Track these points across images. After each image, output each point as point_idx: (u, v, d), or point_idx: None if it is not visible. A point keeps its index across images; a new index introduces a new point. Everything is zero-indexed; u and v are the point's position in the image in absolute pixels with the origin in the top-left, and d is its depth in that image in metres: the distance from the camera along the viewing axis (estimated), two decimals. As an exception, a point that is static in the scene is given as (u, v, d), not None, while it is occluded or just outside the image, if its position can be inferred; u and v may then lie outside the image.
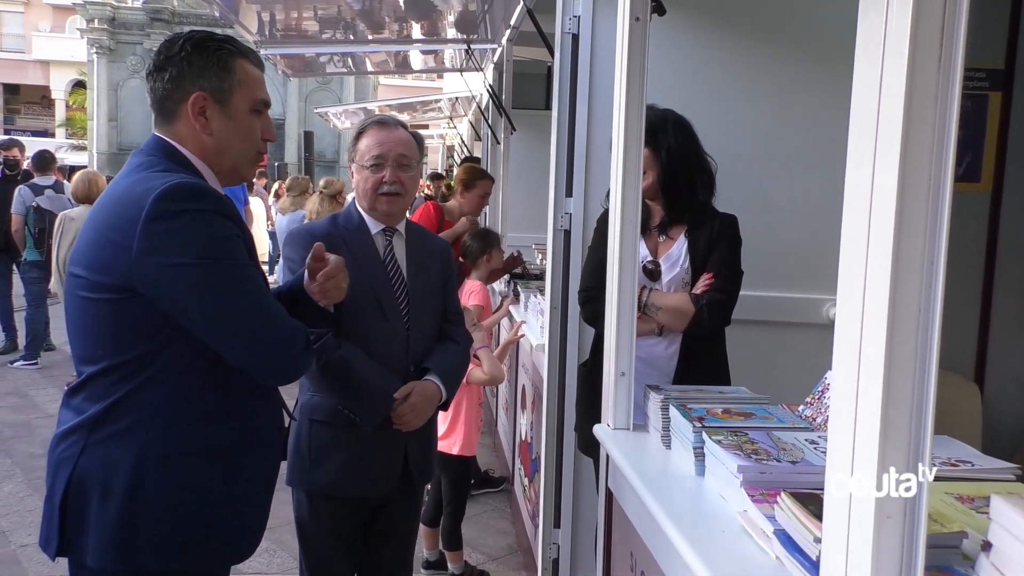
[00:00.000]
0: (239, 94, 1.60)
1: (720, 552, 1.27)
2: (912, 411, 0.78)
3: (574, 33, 2.86)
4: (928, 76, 0.76)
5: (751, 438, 1.55)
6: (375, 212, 2.17)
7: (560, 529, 3.05)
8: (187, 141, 1.59)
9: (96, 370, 1.51)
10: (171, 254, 1.44)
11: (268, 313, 1.55)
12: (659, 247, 2.39)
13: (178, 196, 1.45)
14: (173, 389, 1.51)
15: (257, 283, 1.55)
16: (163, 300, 1.46)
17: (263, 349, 1.54)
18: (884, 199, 0.78)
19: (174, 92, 1.57)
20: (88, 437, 1.50)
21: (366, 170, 2.13)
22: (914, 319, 0.78)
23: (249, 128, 1.63)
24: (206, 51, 1.58)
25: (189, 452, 1.53)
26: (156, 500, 1.50)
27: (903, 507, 0.79)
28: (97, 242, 1.50)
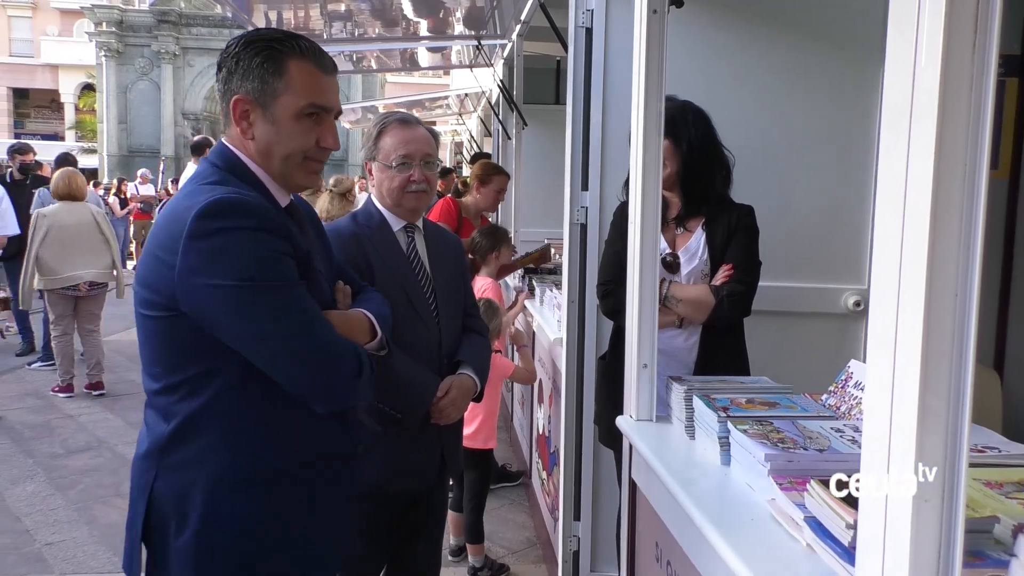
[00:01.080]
0: (285, 98, 1.49)
1: (750, 540, 1.27)
2: (950, 397, 0.79)
3: (588, 27, 2.86)
4: (963, 63, 0.76)
5: (777, 427, 1.56)
6: (400, 209, 2.17)
7: (580, 522, 3.06)
8: (242, 146, 1.53)
9: (158, 388, 1.48)
10: (210, 275, 1.37)
11: (313, 336, 1.45)
12: (677, 239, 2.39)
13: (217, 213, 1.38)
14: (237, 411, 1.47)
15: (303, 304, 1.45)
16: (206, 321, 1.40)
17: (309, 374, 1.45)
18: (919, 186, 0.79)
19: (225, 94, 1.52)
20: (160, 461, 1.47)
21: (391, 169, 2.12)
22: (951, 306, 0.78)
23: (293, 134, 1.50)
24: (253, 50, 1.49)
25: (260, 475, 1.48)
26: (231, 525, 1.46)
27: (940, 491, 0.80)
28: (149, 258, 1.46)
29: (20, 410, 5.81)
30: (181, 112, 25.52)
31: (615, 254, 2.45)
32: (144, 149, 24.92)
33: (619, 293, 2.38)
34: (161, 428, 1.47)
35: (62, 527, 3.90)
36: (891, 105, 0.83)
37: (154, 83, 25.59)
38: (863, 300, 2.86)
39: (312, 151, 1.54)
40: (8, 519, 3.99)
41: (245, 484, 1.47)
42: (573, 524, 3.07)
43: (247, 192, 1.46)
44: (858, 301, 2.86)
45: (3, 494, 4.31)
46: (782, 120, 2.82)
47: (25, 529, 3.88)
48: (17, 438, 5.25)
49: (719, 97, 2.57)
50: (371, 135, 2.18)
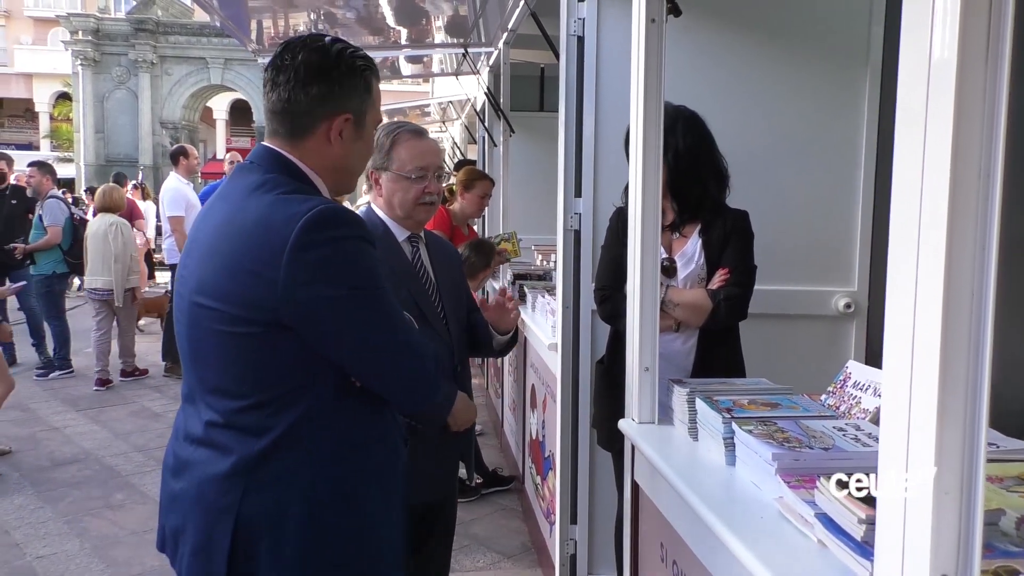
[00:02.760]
0: (371, 114, 1.58)
1: (762, 537, 1.30)
2: (967, 392, 0.82)
3: (579, 35, 2.90)
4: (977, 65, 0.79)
5: (781, 427, 1.59)
6: (409, 221, 2.18)
7: (576, 525, 3.08)
8: (310, 158, 1.52)
9: (244, 405, 1.44)
10: (324, 286, 1.38)
11: (414, 343, 1.53)
12: (673, 244, 2.42)
13: (327, 223, 1.39)
14: (330, 423, 1.47)
15: (398, 311, 1.51)
16: (312, 333, 1.41)
17: (412, 380, 1.53)
18: (936, 188, 0.82)
19: (316, 109, 1.50)
20: (248, 479, 1.43)
21: (406, 180, 2.13)
22: (967, 305, 0.81)
23: (370, 147, 1.63)
24: (356, 71, 1.53)
25: (354, 477, 1.50)
26: (336, 530, 1.48)
27: (959, 483, 0.83)
28: (234, 273, 1.41)
29: (4, 423, 5.73)
30: (159, 121, 25.31)
31: (612, 259, 2.48)
32: (122, 158, 24.66)
33: (617, 298, 2.41)
34: (248, 445, 1.43)
35: (52, 540, 3.86)
36: (905, 108, 0.86)
37: (131, 92, 25.36)
38: (853, 302, 2.91)
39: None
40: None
41: (341, 485, 1.49)
42: (570, 528, 3.09)
43: (333, 200, 1.50)
44: (848, 303, 2.91)
45: (-11, 508, 4.26)
46: (771, 125, 2.87)
47: (15, 542, 3.83)
48: (1, 451, 5.18)
49: (711, 103, 2.61)
50: (382, 145, 2.14)
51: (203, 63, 25.32)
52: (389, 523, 1.59)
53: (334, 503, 1.47)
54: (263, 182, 1.47)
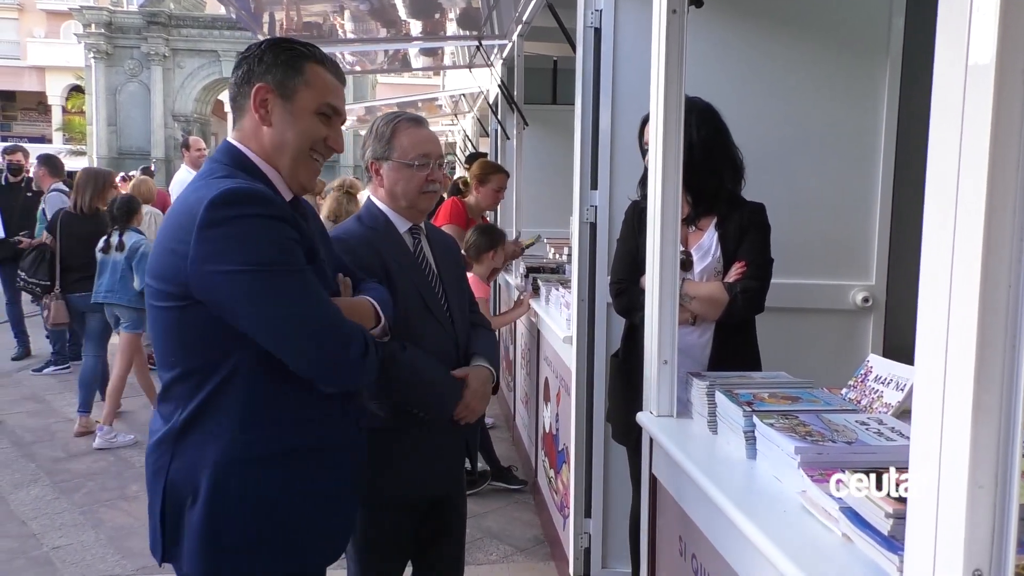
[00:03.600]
0: (305, 93, 1.59)
1: (786, 531, 1.30)
2: (1003, 385, 0.81)
3: (596, 27, 2.88)
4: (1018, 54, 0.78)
5: (803, 421, 1.58)
6: (412, 211, 2.16)
7: (591, 518, 3.08)
8: (251, 139, 1.60)
9: (173, 376, 1.55)
10: (223, 261, 1.44)
11: (324, 318, 1.53)
12: (689, 237, 2.40)
13: (230, 201, 1.45)
14: (247, 393, 1.52)
15: (313, 287, 1.52)
16: (218, 307, 1.47)
17: (320, 355, 1.52)
18: (973, 178, 0.81)
19: (243, 87, 1.60)
20: (175, 445, 1.54)
21: (410, 168, 2.09)
22: (1003, 297, 0.80)
23: (309, 127, 1.60)
24: (278, 50, 1.60)
25: (266, 455, 1.55)
26: (236, 505, 1.52)
27: (994, 476, 0.82)
28: (161, 251, 1.52)
29: (20, 414, 5.78)
30: (171, 114, 25.37)
31: (627, 252, 2.47)
32: (134, 151, 24.76)
33: (633, 291, 2.40)
34: (179, 414, 1.54)
35: (69, 531, 3.89)
36: (942, 100, 0.85)
37: (144, 85, 25.44)
38: (870, 296, 2.89)
39: (320, 146, 1.63)
40: (14, 523, 3.98)
41: (252, 462, 1.53)
42: (584, 521, 3.09)
43: (255, 182, 1.53)
44: (866, 297, 2.89)
45: (7, 498, 4.29)
46: (789, 117, 2.85)
47: (32, 533, 3.87)
48: (18, 442, 5.22)
49: (728, 94, 2.59)
50: (382, 134, 2.12)
51: (215, 56, 25.36)
52: (313, 500, 1.60)
53: (236, 478, 1.52)
54: (207, 171, 1.59)
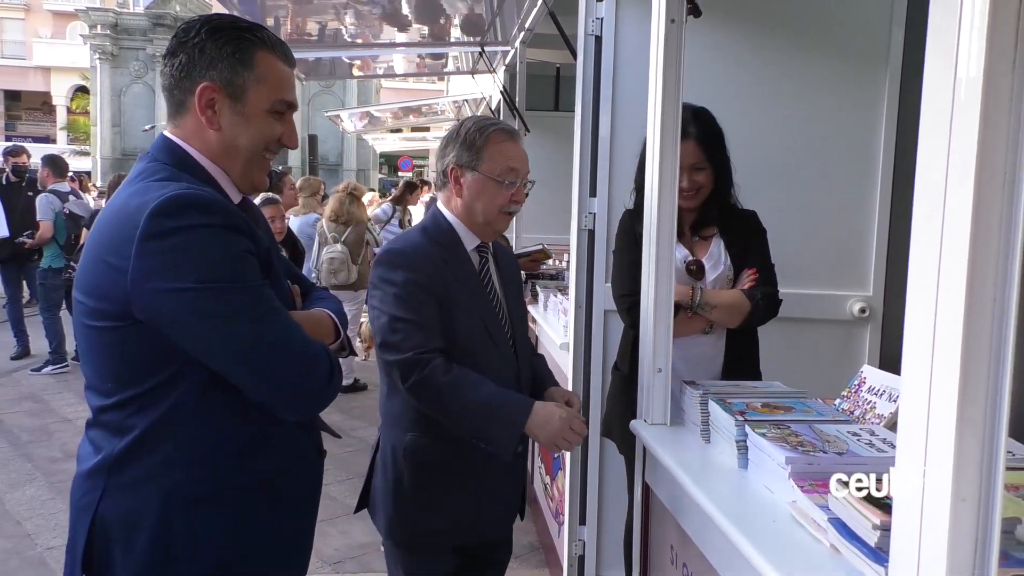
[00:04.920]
0: (257, 90, 1.40)
1: (773, 541, 1.30)
2: (987, 400, 0.81)
3: (597, 35, 2.89)
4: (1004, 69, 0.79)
5: (794, 431, 1.58)
6: (487, 229, 1.98)
7: (585, 526, 3.08)
8: (193, 138, 1.42)
9: (108, 403, 1.36)
10: (169, 278, 1.26)
11: (283, 341, 1.35)
12: (695, 247, 2.38)
13: (175, 210, 1.27)
14: (195, 424, 1.36)
15: (270, 306, 1.35)
16: (164, 329, 1.29)
17: (279, 381, 1.35)
18: (960, 192, 0.81)
19: (183, 81, 1.39)
20: (108, 479, 1.35)
21: (498, 185, 1.92)
22: (989, 311, 0.81)
23: (263, 129, 1.43)
24: (223, 38, 1.39)
25: (219, 492, 1.38)
26: (185, 547, 1.35)
27: (977, 490, 0.82)
28: (94, 263, 1.33)
29: (17, 414, 5.79)
30: (175, 116, 25.47)
31: (632, 264, 2.35)
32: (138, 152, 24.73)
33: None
34: (111, 445, 1.35)
35: (64, 531, 3.85)
36: (930, 113, 0.85)
37: (148, 86, 25.54)
38: (868, 306, 2.89)
39: (273, 145, 1.47)
40: (9, 523, 3.98)
41: (201, 501, 1.36)
42: (579, 528, 3.09)
43: (202, 187, 1.35)
44: (863, 308, 2.89)
45: (2, 498, 4.29)
46: (789, 127, 2.86)
47: (26, 533, 3.86)
48: (15, 442, 5.23)
49: (726, 103, 2.59)
50: (472, 142, 1.93)
51: (219, 59, 25.46)
52: (268, 534, 1.44)
53: (185, 518, 1.35)
54: (142, 170, 1.41)
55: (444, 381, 1.78)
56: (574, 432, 1.82)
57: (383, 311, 1.84)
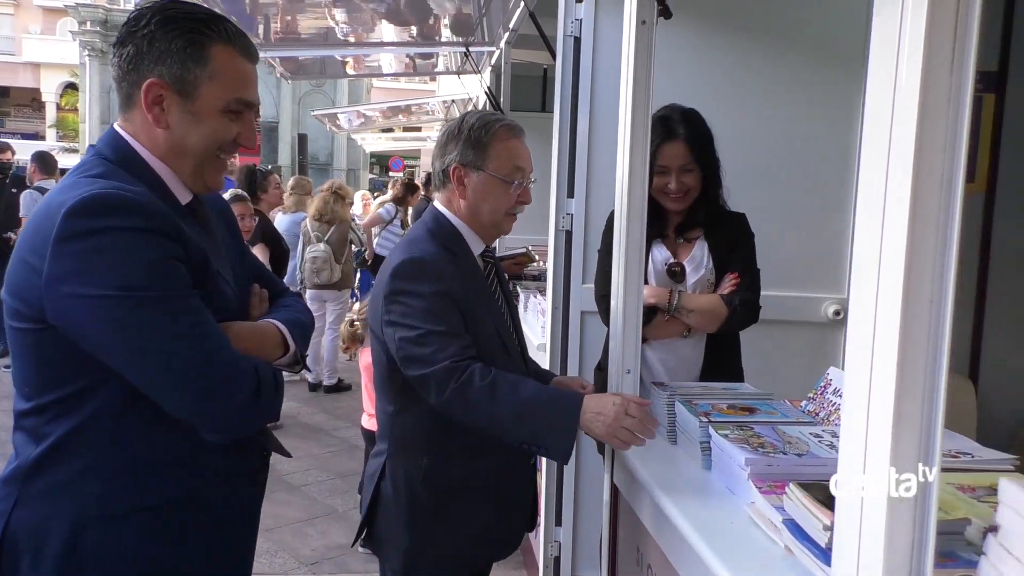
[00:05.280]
0: (210, 88, 1.32)
1: (729, 542, 1.30)
2: (923, 401, 0.82)
3: (576, 36, 2.90)
4: (941, 78, 0.79)
5: (757, 432, 1.58)
6: (493, 231, 1.91)
7: (561, 527, 3.08)
8: (142, 134, 1.34)
9: (27, 408, 1.29)
10: (82, 283, 1.18)
11: (203, 356, 1.26)
12: (679, 250, 2.35)
13: (94, 210, 1.19)
14: (113, 434, 1.28)
15: (192, 317, 1.26)
16: (75, 336, 1.21)
17: (196, 399, 1.26)
18: (898, 197, 0.82)
19: (130, 74, 1.32)
20: (22, 487, 1.28)
21: (504, 185, 1.82)
22: (926, 312, 0.81)
23: (215, 130, 1.35)
24: (174, 31, 1.30)
25: (136, 508, 1.30)
26: (97, 564, 1.27)
27: (914, 491, 0.83)
28: (18, 262, 1.26)
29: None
30: (165, 113, 25.37)
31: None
32: (127, 150, 24.73)
33: None
34: (28, 451, 1.28)
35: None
36: (872, 119, 0.86)
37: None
38: (843, 309, 2.90)
39: (228, 146, 1.39)
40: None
41: (117, 517, 1.28)
42: (555, 530, 3.09)
43: (130, 186, 1.26)
44: (838, 310, 2.91)
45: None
46: (764, 129, 2.87)
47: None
48: (-6, 439, 5.19)
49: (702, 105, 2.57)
50: (478, 139, 1.82)
51: (210, 56, 25.36)
52: (188, 559, 1.36)
53: (98, 536, 1.27)
54: (81, 164, 1.35)
55: (484, 384, 1.62)
56: (633, 418, 1.61)
57: (409, 325, 1.69)
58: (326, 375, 6.70)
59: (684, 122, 2.25)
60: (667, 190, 2.26)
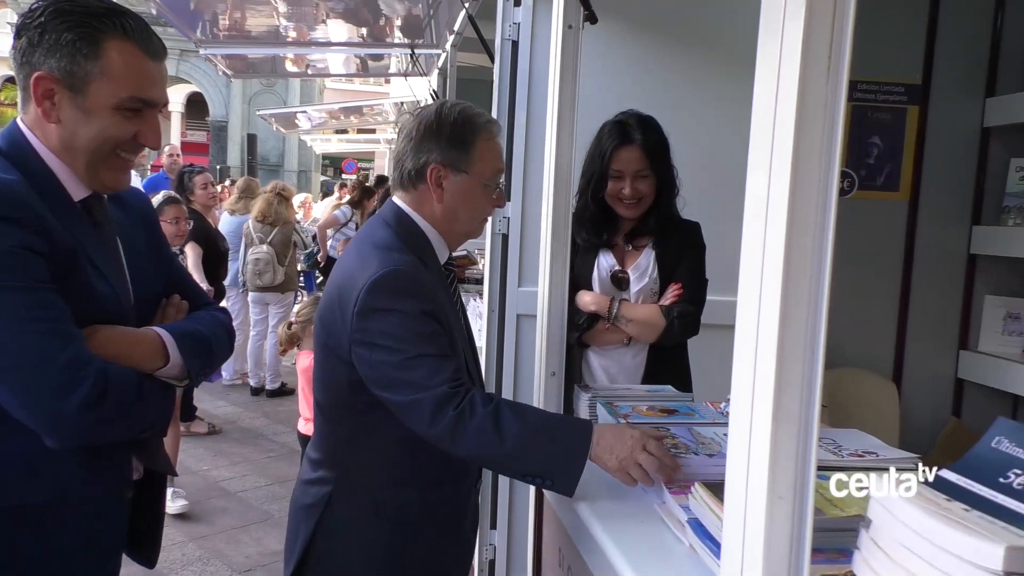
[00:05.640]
0: (101, 84, 1.28)
1: (637, 542, 1.31)
2: (801, 402, 0.83)
3: (514, 40, 2.91)
4: (818, 85, 0.81)
5: (672, 433, 1.61)
6: (460, 238, 1.77)
7: (496, 530, 3.08)
8: (36, 127, 1.32)
9: None
10: None
11: (41, 352, 1.19)
12: (626, 257, 2.34)
13: None
14: None
15: (34, 312, 1.19)
16: None
17: (28, 399, 1.20)
18: (778, 198, 0.83)
19: (23, 67, 1.29)
20: None
21: (486, 190, 1.67)
22: (804, 313, 0.83)
23: (108, 129, 1.30)
24: (66, 23, 1.26)
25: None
26: None
27: (793, 487, 0.84)
28: None
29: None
30: (109, 110, 24.74)
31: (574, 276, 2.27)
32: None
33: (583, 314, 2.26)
34: None
35: None
36: (757, 125, 0.88)
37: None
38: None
39: (127, 145, 1.34)
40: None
41: None
42: (489, 533, 3.09)
43: (7, 175, 1.24)
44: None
45: None
46: (698, 134, 2.91)
47: None
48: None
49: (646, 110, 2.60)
50: (459, 138, 1.64)
51: (157, 53, 24.80)
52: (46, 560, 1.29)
53: None
54: None
55: (488, 411, 1.45)
56: (650, 456, 1.43)
57: (391, 347, 1.50)
58: (268, 379, 6.60)
59: (641, 128, 2.25)
60: (621, 196, 2.24)
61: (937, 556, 0.70)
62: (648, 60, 2.90)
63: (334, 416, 1.67)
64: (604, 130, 2.29)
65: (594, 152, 2.30)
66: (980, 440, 0.81)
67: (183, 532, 4.00)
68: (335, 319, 1.58)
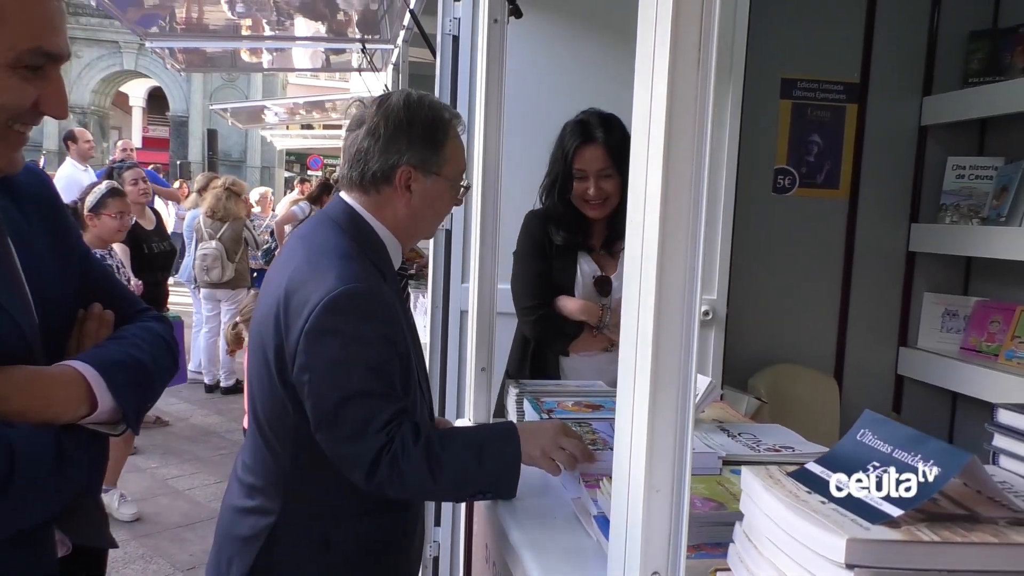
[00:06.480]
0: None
1: (547, 537, 1.31)
2: (678, 396, 0.84)
3: (455, 35, 2.89)
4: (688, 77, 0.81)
5: (594, 428, 1.61)
6: (416, 241, 1.65)
7: (440, 527, 3.07)
8: None
9: None
10: None
11: None
12: (604, 263, 2.31)
13: None
14: None
15: None
16: None
17: None
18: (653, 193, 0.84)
19: None
20: None
21: (455, 189, 1.58)
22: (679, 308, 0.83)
23: (1, 94, 1.01)
24: None
25: None
26: None
27: (670, 480, 0.84)
28: None
29: None
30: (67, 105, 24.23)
31: (539, 273, 2.28)
32: (25, 142, 23.52)
33: (554, 317, 2.25)
34: None
35: None
36: (636, 120, 0.88)
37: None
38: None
39: (24, 115, 1.06)
40: None
41: None
42: (434, 530, 3.07)
43: None
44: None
45: None
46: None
47: None
48: None
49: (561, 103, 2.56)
50: (431, 137, 1.51)
51: (116, 47, 24.32)
52: None
53: None
54: None
55: (418, 451, 1.36)
56: (571, 439, 1.46)
57: (336, 381, 1.36)
58: (223, 376, 6.51)
59: (602, 126, 2.21)
60: (587, 197, 2.21)
61: (794, 548, 0.71)
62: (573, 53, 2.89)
63: (274, 440, 1.48)
64: (566, 129, 2.27)
65: (556, 152, 2.27)
66: (847, 433, 0.81)
67: (126, 530, 3.92)
68: (278, 331, 1.40)
